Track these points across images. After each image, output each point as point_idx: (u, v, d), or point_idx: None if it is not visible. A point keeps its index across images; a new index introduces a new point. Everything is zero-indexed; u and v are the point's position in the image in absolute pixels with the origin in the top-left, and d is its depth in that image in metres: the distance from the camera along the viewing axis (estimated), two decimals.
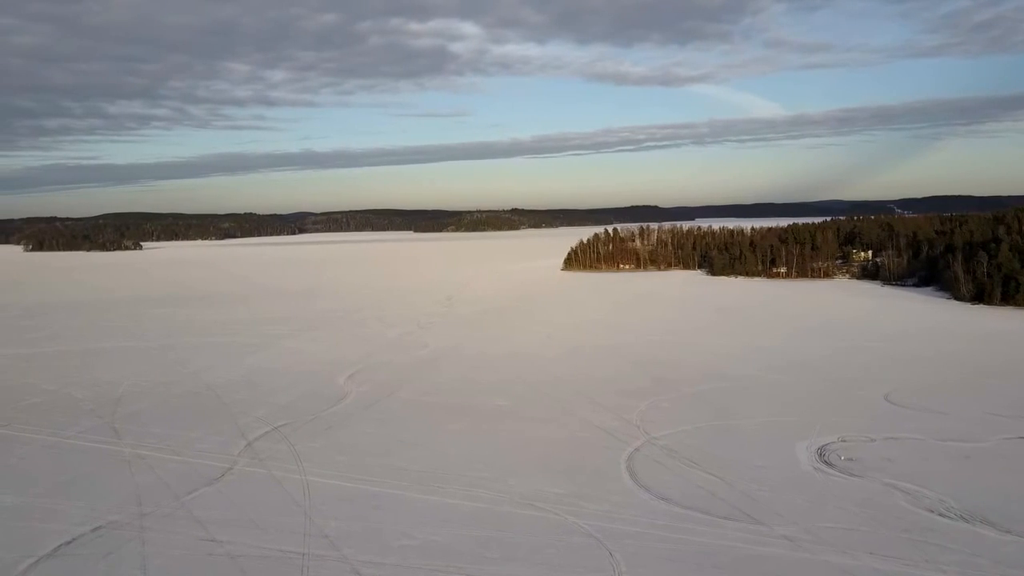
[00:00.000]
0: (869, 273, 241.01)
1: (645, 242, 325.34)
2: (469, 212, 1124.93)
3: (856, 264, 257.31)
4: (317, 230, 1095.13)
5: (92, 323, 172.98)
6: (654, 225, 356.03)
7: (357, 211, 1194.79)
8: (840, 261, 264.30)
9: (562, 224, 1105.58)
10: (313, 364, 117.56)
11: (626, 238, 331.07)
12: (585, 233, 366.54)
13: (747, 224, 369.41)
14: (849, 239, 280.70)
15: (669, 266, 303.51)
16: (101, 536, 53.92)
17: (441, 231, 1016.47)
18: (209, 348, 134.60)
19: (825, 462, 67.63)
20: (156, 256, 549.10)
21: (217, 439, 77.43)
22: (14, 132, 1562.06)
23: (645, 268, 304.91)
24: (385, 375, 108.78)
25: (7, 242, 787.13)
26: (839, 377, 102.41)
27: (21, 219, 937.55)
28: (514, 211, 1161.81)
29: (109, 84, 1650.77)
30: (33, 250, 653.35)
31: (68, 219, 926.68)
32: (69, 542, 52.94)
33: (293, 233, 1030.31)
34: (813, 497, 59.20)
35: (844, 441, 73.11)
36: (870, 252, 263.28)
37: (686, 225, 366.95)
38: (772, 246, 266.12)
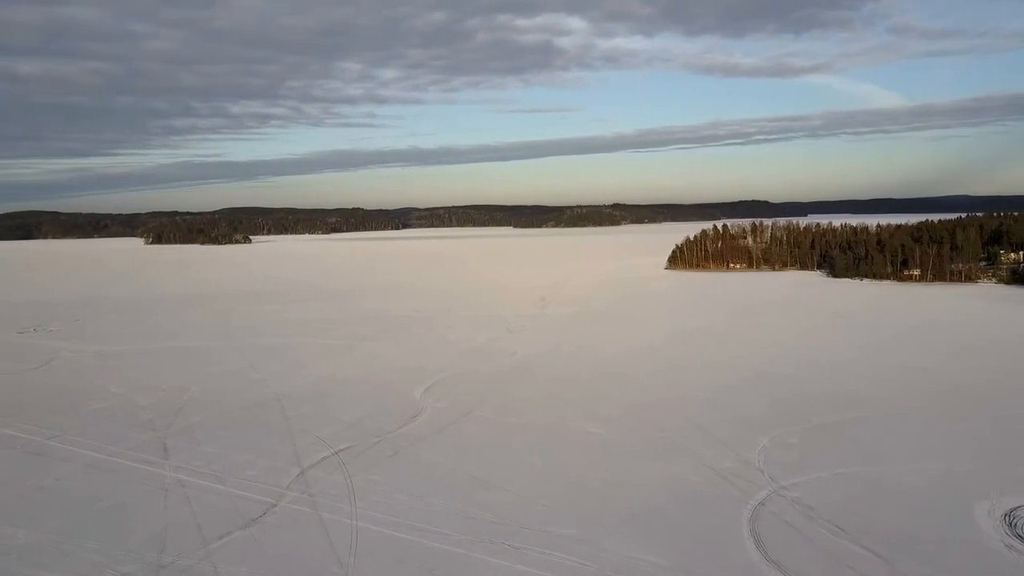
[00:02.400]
0: (1020, 277, 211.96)
1: (758, 239, 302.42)
2: (570, 207, 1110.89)
3: (1005, 267, 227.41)
4: (420, 225, 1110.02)
5: (183, 319, 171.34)
6: (767, 221, 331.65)
7: (459, 207, 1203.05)
8: (985, 263, 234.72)
9: (666, 219, 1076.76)
10: (390, 373, 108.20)
11: (737, 235, 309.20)
12: (690, 229, 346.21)
13: (867, 220, 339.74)
14: (994, 238, 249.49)
15: (784, 266, 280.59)
16: None
17: (541, 227, 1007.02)
18: (287, 350, 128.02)
19: (1018, 536, 51.34)
20: (261, 250, 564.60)
21: (268, 464, 68.39)
22: (149, 132, 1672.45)
23: (758, 268, 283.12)
24: (466, 388, 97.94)
25: (132, 235, 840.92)
26: (1012, 411, 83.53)
27: (147, 213, 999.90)
28: (615, 206, 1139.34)
29: (232, 85, 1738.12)
30: (153, 243, 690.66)
31: (188, 213, 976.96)
32: None
33: (397, 228, 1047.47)
34: None
35: None
36: (1021, 253, 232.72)
37: (802, 222, 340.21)
38: (904, 245, 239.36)
